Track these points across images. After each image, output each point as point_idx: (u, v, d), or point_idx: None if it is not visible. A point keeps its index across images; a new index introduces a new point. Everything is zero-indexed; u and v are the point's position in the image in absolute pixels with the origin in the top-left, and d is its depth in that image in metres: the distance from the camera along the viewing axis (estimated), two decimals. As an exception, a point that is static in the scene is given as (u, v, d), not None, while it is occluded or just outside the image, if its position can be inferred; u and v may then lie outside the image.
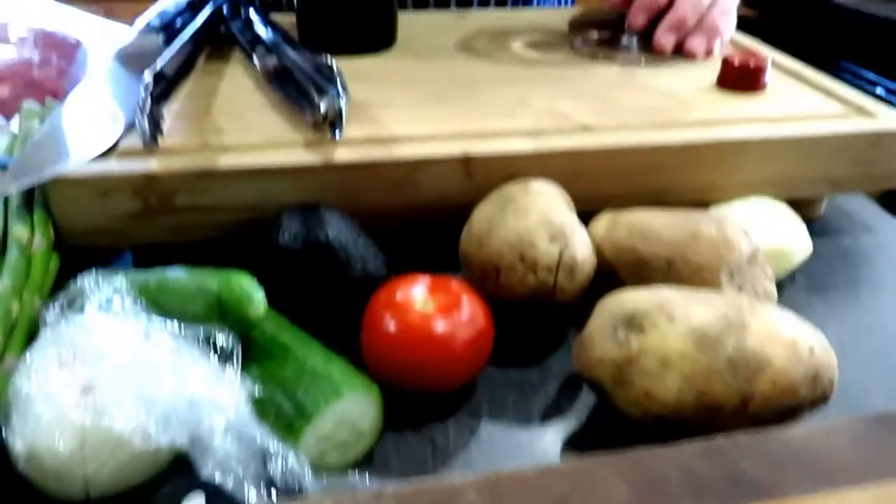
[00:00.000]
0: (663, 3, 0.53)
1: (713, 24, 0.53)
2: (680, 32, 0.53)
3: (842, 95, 0.47)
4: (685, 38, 0.53)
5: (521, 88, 0.46)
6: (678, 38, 0.53)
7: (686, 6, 0.53)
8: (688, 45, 0.53)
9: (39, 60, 0.50)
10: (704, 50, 0.53)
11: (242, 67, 0.49)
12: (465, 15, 0.64)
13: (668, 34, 0.53)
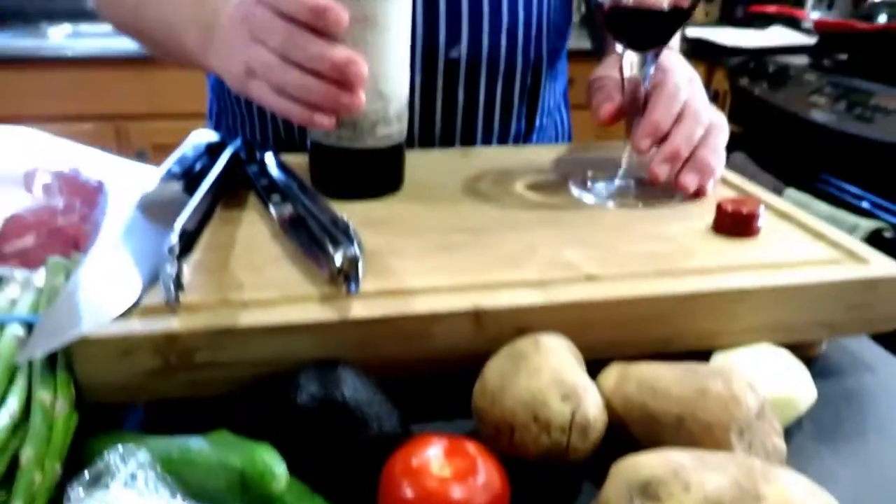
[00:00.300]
0: (666, 129, 0.56)
1: (705, 161, 0.56)
2: (674, 164, 0.55)
3: (833, 239, 0.49)
4: (678, 171, 0.56)
5: (525, 235, 0.48)
6: (672, 171, 0.56)
7: (680, 139, 0.55)
8: (681, 179, 0.55)
9: (63, 207, 0.52)
10: (696, 185, 0.56)
11: (258, 214, 0.51)
12: (469, 153, 0.67)
13: (663, 165, 0.55)
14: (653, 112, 0.55)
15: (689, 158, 0.55)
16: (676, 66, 0.59)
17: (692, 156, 0.55)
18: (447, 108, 0.67)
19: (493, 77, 0.68)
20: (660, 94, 0.55)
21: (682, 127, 0.55)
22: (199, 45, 0.55)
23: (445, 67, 0.65)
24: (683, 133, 0.55)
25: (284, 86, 0.45)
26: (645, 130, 0.55)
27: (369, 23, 0.48)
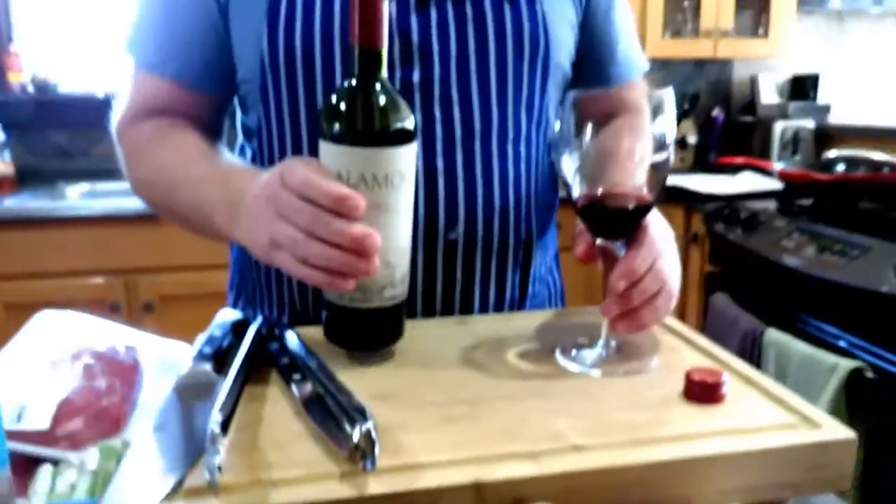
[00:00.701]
0: (633, 280, 0.62)
1: (644, 320, 0.62)
2: (622, 309, 0.62)
3: (791, 404, 0.55)
4: (620, 316, 0.62)
5: (518, 406, 0.55)
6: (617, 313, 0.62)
7: (637, 293, 0.61)
8: (617, 325, 0.62)
9: (105, 388, 0.58)
10: (626, 333, 0.63)
11: (280, 390, 0.57)
12: (466, 321, 0.74)
13: (614, 307, 0.62)
14: (625, 266, 0.61)
15: (635, 309, 0.62)
16: (654, 223, 0.66)
17: (637, 310, 0.62)
18: (447, 282, 0.76)
19: (487, 254, 0.77)
20: (634, 251, 0.62)
21: (642, 283, 0.62)
22: (226, 221, 0.64)
23: (445, 247, 0.74)
24: (641, 288, 0.62)
25: (308, 257, 0.54)
26: (613, 290, 0.61)
27: (381, 208, 0.57)
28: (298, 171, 0.55)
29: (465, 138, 0.74)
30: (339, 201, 0.52)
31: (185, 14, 0.77)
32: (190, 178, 0.72)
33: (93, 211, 2.17)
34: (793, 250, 1.60)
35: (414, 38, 0.71)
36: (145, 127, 0.79)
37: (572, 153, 0.60)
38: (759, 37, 2.64)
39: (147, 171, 0.78)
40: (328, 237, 0.53)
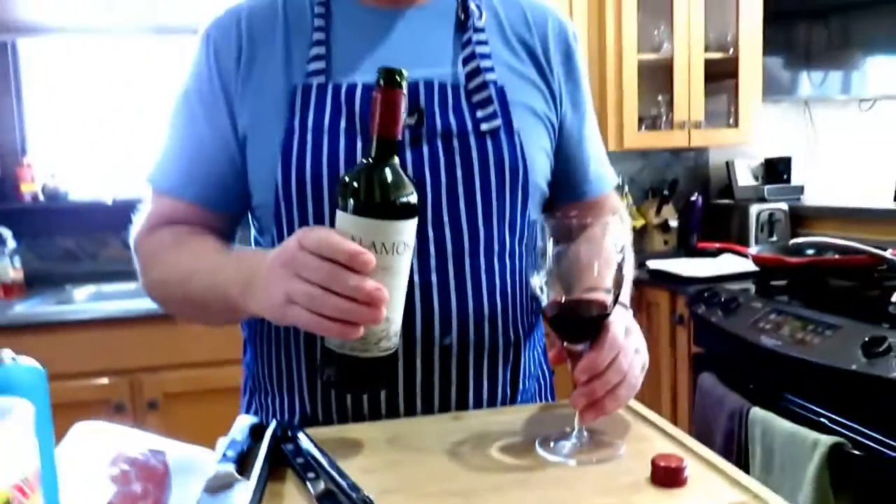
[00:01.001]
0: (600, 396, 0.70)
1: (606, 408, 0.71)
2: (588, 400, 0.70)
3: (745, 485, 0.63)
4: (588, 405, 0.71)
5: (504, 497, 0.62)
6: (585, 404, 0.70)
7: (599, 385, 0.70)
8: (585, 414, 0.71)
9: (140, 492, 0.65)
10: (592, 420, 0.71)
11: (297, 488, 0.65)
12: (460, 416, 0.82)
13: (581, 398, 0.70)
14: (588, 362, 0.70)
15: (599, 399, 0.70)
16: (616, 322, 0.74)
17: (600, 399, 0.70)
18: (443, 381, 0.84)
19: (479, 356, 0.85)
20: (596, 350, 0.71)
21: (605, 376, 0.70)
22: (240, 292, 0.73)
23: (441, 352, 0.83)
24: (603, 380, 0.70)
25: (323, 310, 0.62)
26: (579, 383, 0.70)
27: (387, 271, 0.65)
28: (315, 234, 0.64)
29: (455, 255, 0.84)
30: (353, 257, 0.62)
31: (205, 146, 0.88)
32: (204, 268, 0.81)
33: (99, 313, 2.25)
34: (770, 331, 1.68)
35: (409, 171, 0.82)
36: (162, 233, 0.89)
37: (539, 270, 0.69)
38: (730, 126, 2.81)
39: (162, 270, 0.87)
40: (344, 291, 0.62)
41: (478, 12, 0.89)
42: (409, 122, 0.83)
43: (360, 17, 0.88)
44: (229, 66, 0.87)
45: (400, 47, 0.87)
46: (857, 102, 3.21)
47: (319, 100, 0.84)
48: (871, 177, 3.18)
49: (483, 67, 0.87)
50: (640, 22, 2.67)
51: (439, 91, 0.85)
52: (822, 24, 3.03)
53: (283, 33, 0.88)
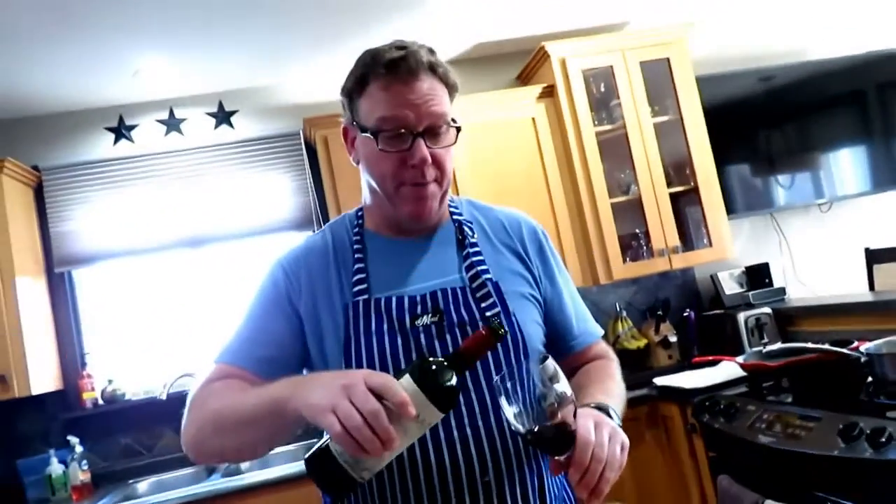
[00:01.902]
0: (594, 483, 0.93)
1: (603, 492, 0.94)
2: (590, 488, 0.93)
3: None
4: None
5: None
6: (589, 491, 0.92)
7: (588, 477, 0.92)
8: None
9: None
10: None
11: None
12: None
13: (583, 492, 0.93)
14: (575, 465, 0.93)
15: (595, 485, 0.93)
16: (584, 422, 0.96)
17: (596, 485, 0.93)
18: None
19: (512, 487, 1.09)
20: (577, 452, 0.93)
21: (591, 467, 0.92)
22: (291, 393, 0.92)
23: (483, 488, 1.07)
24: (592, 471, 0.92)
25: (352, 430, 0.82)
26: (575, 484, 0.93)
27: (405, 433, 0.87)
28: (381, 377, 0.87)
29: (482, 412, 1.10)
30: (403, 406, 0.85)
31: (266, 328, 1.14)
32: (255, 391, 1.00)
33: (165, 502, 2.45)
34: (765, 430, 1.90)
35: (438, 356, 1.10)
36: (216, 384, 1.08)
37: (512, 405, 0.95)
38: (705, 246, 3.13)
39: (214, 406, 1.03)
40: (375, 425, 0.82)
41: (471, 233, 1.22)
42: (433, 320, 1.14)
43: (387, 248, 1.21)
44: (296, 287, 1.17)
45: (419, 266, 1.19)
46: (817, 206, 3.56)
47: (365, 312, 1.14)
48: (844, 270, 3.47)
49: (480, 271, 1.18)
50: (606, 170, 3.06)
51: (452, 294, 1.16)
52: (778, 132, 3.44)
53: (334, 265, 1.19)
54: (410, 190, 1.14)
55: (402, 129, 1.10)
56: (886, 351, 1.74)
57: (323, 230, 1.27)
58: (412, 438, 0.90)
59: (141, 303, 3.18)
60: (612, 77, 3.10)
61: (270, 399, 0.96)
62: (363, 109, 1.14)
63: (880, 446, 1.53)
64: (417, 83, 1.10)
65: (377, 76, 1.11)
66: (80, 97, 3.03)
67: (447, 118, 1.13)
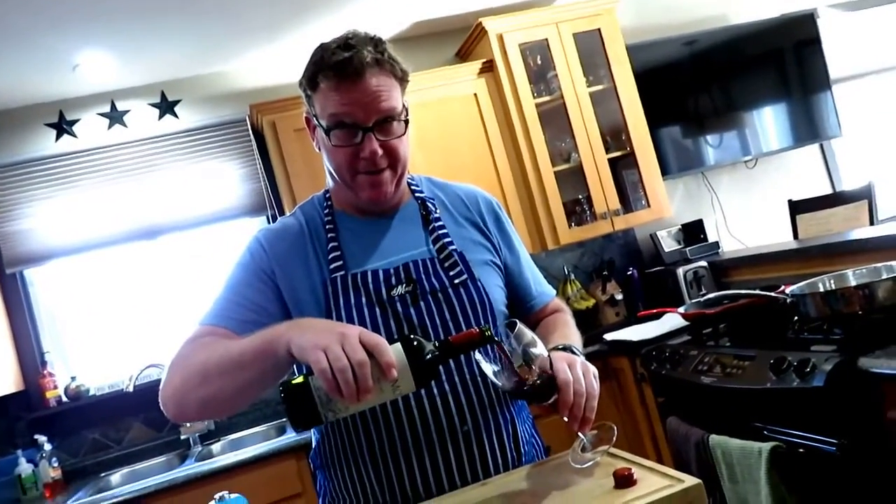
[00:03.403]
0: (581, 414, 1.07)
1: (590, 418, 1.08)
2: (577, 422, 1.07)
3: (670, 474, 1.00)
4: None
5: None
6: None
7: (575, 410, 1.06)
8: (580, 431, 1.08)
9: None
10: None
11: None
12: (487, 482, 1.18)
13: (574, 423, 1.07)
14: (562, 403, 1.06)
15: (582, 415, 1.07)
16: (559, 364, 1.08)
17: (583, 415, 1.07)
18: (469, 457, 1.19)
19: (489, 435, 1.22)
20: (560, 393, 1.06)
21: (576, 402, 1.06)
22: (286, 328, 0.99)
23: (463, 437, 1.20)
24: (577, 404, 1.06)
25: (338, 373, 0.89)
26: (569, 419, 1.07)
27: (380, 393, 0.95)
28: (374, 336, 0.94)
29: (458, 369, 1.22)
30: (388, 366, 0.93)
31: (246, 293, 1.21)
32: (242, 339, 1.05)
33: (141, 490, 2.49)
34: (707, 371, 2.09)
35: (414, 321, 1.22)
36: (200, 339, 1.14)
37: (490, 363, 1.08)
38: (644, 208, 3.31)
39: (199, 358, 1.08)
40: (359, 374, 0.89)
41: (434, 209, 1.33)
42: (407, 289, 1.24)
43: (358, 227, 1.30)
44: (274, 262, 1.24)
45: (390, 242, 1.28)
46: (744, 163, 3.78)
47: (343, 286, 1.23)
48: (770, 222, 3.72)
49: (446, 243, 1.29)
50: (548, 140, 3.20)
51: (423, 265, 1.26)
52: (705, 94, 3.63)
53: (310, 244, 1.27)
54: (365, 178, 1.22)
55: (352, 125, 1.18)
56: (808, 291, 1.93)
57: (294, 212, 1.35)
58: (381, 400, 0.98)
59: (99, 297, 3.18)
60: (548, 49, 3.22)
61: (262, 340, 1.01)
62: (318, 105, 1.22)
63: (805, 376, 1.71)
64: (364, 82, 1.16)
65: (326, 77, 1.18)
66: (19, 94, 2.98)
67: (396, 112, 1.20)
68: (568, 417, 1.07)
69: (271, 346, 0.99)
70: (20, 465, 2.82)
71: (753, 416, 1.94)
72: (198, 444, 3.00)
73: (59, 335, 3.13)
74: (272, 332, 1.01)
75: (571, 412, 1.07)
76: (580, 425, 1.08)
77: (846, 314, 1.79)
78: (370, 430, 1.20)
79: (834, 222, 3.16)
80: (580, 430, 1.09)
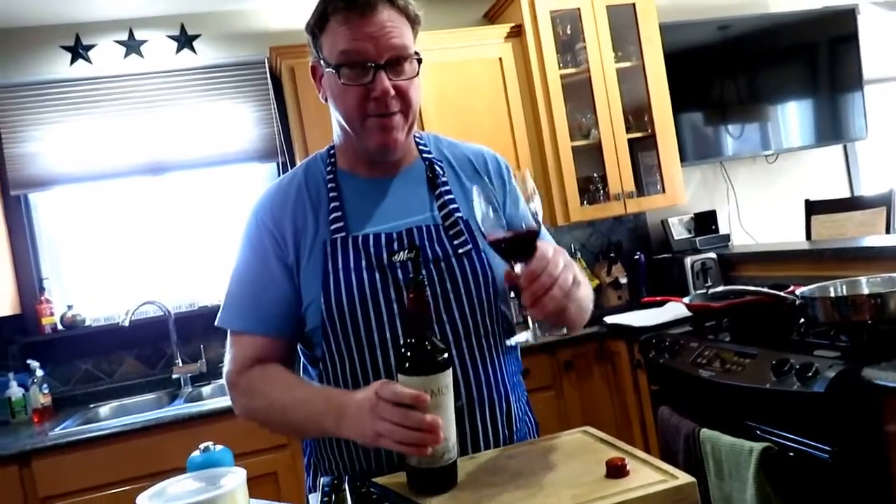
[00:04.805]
0: (540, 293, 1.01)
1: (553, 296, 1.01)
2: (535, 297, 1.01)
3: (663, 468, 0.98)
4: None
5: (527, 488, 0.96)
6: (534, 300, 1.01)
7: (537, 286, 1.01)
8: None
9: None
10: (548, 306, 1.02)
11: (379, 513, 0.98)
12: (476, 456, 1.16)
13: (529, 298, 1.01)
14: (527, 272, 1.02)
15: (539, 298, 1.01)
16: (545, 244, 1.05)
17: (541, 298, 1.00)
18: (460, 432, 1.17)
19: (482, 411, 1.19)
20: (533, 261, 1.02)
21: (541, 279, 1.00)
22: (335, 424, 1.06)
23: (456, 412, 1.17)
24: (540, 283, 1.00)
25: (402, 440, 0.94)
26: (525, 293, 1.02)
27: (438, 407, 0.96)
28: (388, 387, 0.97)
29: (455, 341, 1.18)
30: (415, 398, 0.95)
31: (268, 289, 1.22)
32: (297, 401, 1.15)
33: (127, 425, 2.49)
34: (706, 365, 2.06)
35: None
36: (252, 373, 1.21)
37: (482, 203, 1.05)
38: (658, 192, 3.26)
39: (260, 402, 1.20)
40: (413, 425, 0.94)
41: (441, 172, 1.28)
42: (409, 256, 1.20)
43: (361, 187, 1.25)
44: (278, 235, 1.22)
45: (393, 205, 1.24)
46: (764, 157, 3.72)
47: (343, 248, 1.20)
48: (784, 219, 3.67)
49: (452, 209, 1.24)
50: (569, 113, 3.13)
51: (426, 232, 1.22)
52: (731, 82, 3.55)
53: (309, 205, 1.24)
54: (375, 121, 1.17)
55: (363, 62, 1.13)
56: (818, 295, 1.90)
57: (294, 170, 1.31)
58: (449, 407, 0.98)
59: (101, 229, 3.15)
60: (579, 20, 3.14)
61: (318, 426, 1.11)
62: (326, 45, 1.17)
63: (807, 380, 1.69)
64: (376, 16, 1.12)
65: (336, 11, 1.13)
66: (35, 13, 2.91)
67: (408, 50, 1.15)
68: (526, 290, 1.01)
69: (327, 433, 1.11)
70: (10, 388, 2.83)
71: (748, 414, 1.92)
72: (188, 384, 3.01)
73: (58, 262, 3.12)
74: (326, 422, 1.09)
75: (532, 286, 1.01)
76: (532, 305, 1.02)
77: (855, 322, 1.76)
78: None
79: (849, 226, 3.11)
80: (531, 309, 1.02)
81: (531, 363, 2.68)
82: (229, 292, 1.26)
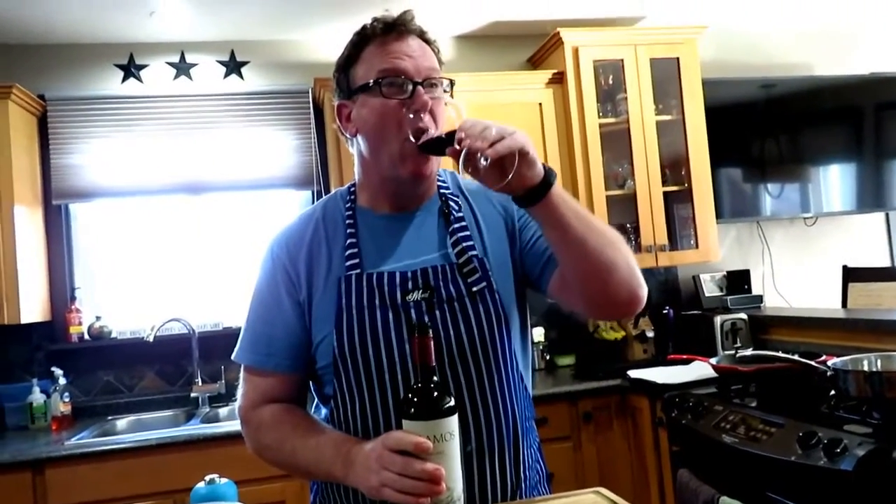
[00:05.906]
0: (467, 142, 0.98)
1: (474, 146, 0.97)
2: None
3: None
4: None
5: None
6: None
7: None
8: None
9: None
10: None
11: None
12: (483, 510, 1.14)
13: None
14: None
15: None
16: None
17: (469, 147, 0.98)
18: (468, 478, 1.15)
19: (492, 457, 1.17)
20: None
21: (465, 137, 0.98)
22: (342, 472, 1.06)
23: (465, 458, 1.15)
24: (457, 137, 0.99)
25: (405, 489, 0.94)
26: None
27: (442, 454, 0.95)
28: (393, 436, 0.97)
29: (467, 384, 1.17)
30: (417, 445, 0.94)
31: (278, 324, 1.21)
32: (307, 446, 1.14)
33: (142, 441, 2.49)
34: (729, 430, 2.00)
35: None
36: (263, 411, 1.21)
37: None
38: (692, 247, 3.22)
39: (271, 441, 1.19)
40: (414, 474, 0.94)
41: (456, 207, 1.26)
42: (424, 296, 1.19)
43: (378, 223, 1.25)
44: (291, 272, 1.22)
45: (409, 243, 1.23)
46: (802, 219, 3.65)
47: (357, 286, 1.19)
48: (820, 285, 3.59)
49: (466, 247, 1.22)
50: (605, 162, 3.12)
51: (441, 271, 1.20)
52: (772, 140, 3.51)
53: (325, 241, 1.24)
54: (412, 147, 1.15)
55: (402, 80, 1.15)
56: (851, 368, 1.84)
57: (313, 207, 1.31)
58: (454, 455, 0.97)
59: (135, 244, 3.21)
60: (622, 70, 3.15)
61: (327, 472, 1.12)
62: (360, 73, 1.19)
63: (835, 456, 1.63)
64: (412, 40, 1.18)
65: (374, 37, 1.18)
66: (92, 30, 3.02)
67: (440, 77, 1.19)
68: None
69: (335, 479, 1.12)
70: (33, 394, 2.86)
71: (770, 486, 1.85)
72: (206, 404, 3.01)
73: (91, 273, 3.17)
74: (335, 470, 1.10)
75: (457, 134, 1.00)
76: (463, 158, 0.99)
77: (888, 399, 1.70)
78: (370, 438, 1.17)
79: (886, 297, 3.03)
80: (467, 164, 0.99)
81: (550, 412, 2.63)
82: (245, 327, 1.27)
